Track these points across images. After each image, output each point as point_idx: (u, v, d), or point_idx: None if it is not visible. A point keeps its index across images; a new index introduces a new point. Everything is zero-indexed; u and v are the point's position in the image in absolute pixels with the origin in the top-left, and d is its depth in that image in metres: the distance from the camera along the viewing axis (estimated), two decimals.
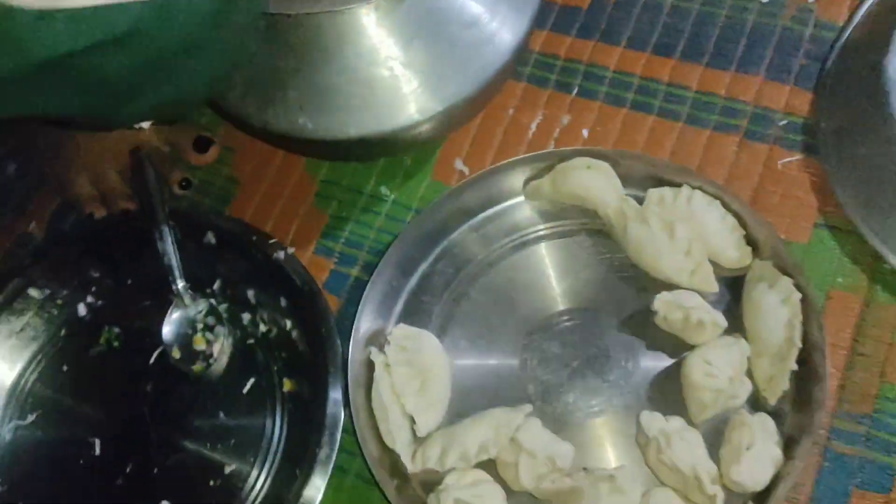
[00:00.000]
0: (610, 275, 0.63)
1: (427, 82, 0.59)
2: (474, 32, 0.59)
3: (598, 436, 0.58)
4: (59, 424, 0.68)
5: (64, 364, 0.70)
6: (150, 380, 0.68)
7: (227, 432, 0.65)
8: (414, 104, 0.59)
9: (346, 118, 0.59)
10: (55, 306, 0.72)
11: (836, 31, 0.68)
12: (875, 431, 0.56)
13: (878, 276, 0.59)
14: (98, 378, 0.70)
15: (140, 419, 0.67)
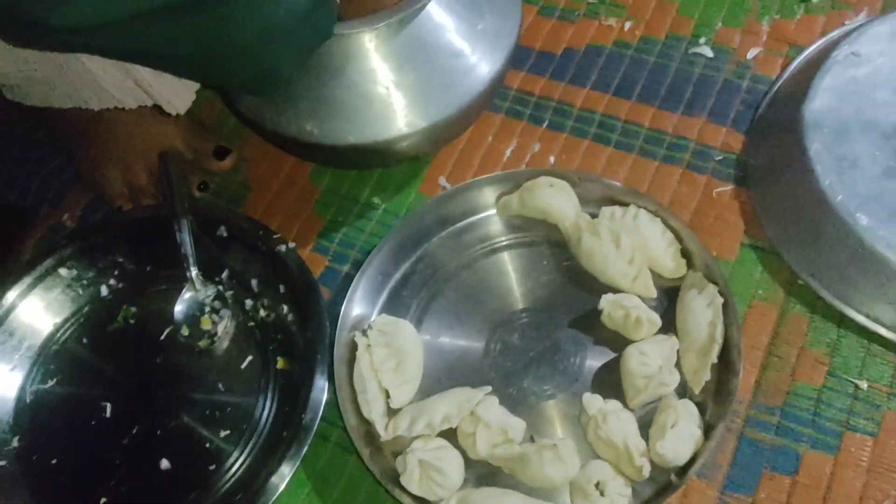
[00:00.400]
0: (565, 279, 0.67)
1: (415, 101, 0.63)
2: (457, 63, 0.64)
3: (548, 416, 0.62)
4: (75, 389, 0.71)
5: (84, 337, 0.74)
6: (160, 354, 0.71)
7: (224, 403, 0.68)
8: (403, 119, 0.63)
9: (347, 127, 0.63)
10: (81, 286, 0.75)
11: (768, 84, 0.73)
12: (785, 422, 0.60)
13: (792, 290, 0.64)
14: (113, 350, 0.73)
15: (148, 388, 0.70)
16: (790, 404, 0.60)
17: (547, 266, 0.68)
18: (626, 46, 0.78)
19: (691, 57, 0.76)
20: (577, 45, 0.79)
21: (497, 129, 0.76)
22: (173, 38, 0.49)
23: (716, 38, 0.77)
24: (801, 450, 0.58)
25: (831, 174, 0.62)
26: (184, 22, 0.48)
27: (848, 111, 0.64)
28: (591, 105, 0.75)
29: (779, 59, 0.74)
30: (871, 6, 0.75)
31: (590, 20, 0.80)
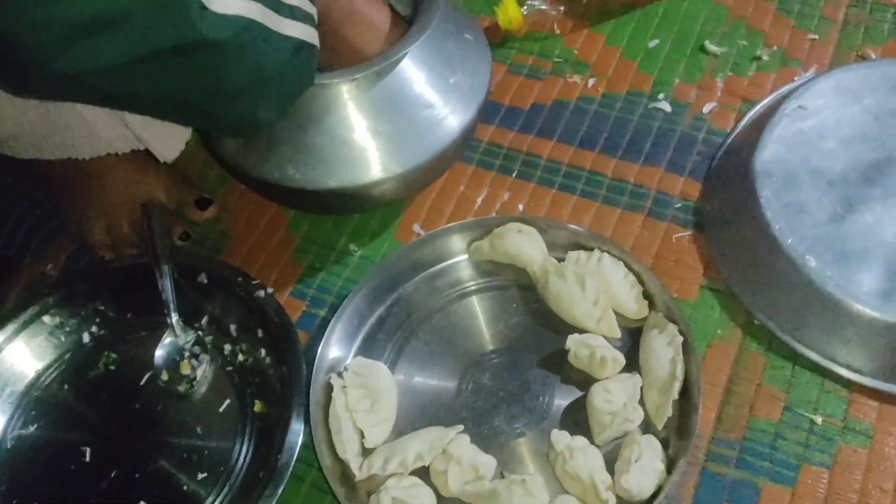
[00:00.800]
0: (534, 321, 0.70)
1: (390, 148, 0.66)
2: (430, 114, 0.67)
3: (519, 453, 0.64)
4: (56, 434, 0.72)
5: (65, 383, 0.74)
6: (140, 399, 0.72)
7: (202, 447, 0.69)
8: (379, 164, 0.66)
9: (327, 171, 0.66)
10: (64, 333, 0.76)
11: (723, 136, 0.77)
12: (744, 456, 0.62)
13: (749, 330, 0.67)
14: (94, 396, 0.73)
15: (127, 432, 0.70)
16: (749, 439, 0.62)
17: (516, 308, 0.71)
18: (590, 101, 0.82)
19: (651, 111, 0.80)
20: (544, 100, 0.83)
21: (469, 178, 0.79)
22: (170, 82, 0.51)
23: (673, 93, 0.80)
24: (760, 483, 0.60)
25: (781, 220, 0.65)
26: (182, 65, 0.50)
27: (795, 160, 0.68)
28: (558, 156, 0.78)
29: (733, 113, 0.78)
30: (819, 63, 0.80)
31: (556, 77, 0.84)
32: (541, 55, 0.86)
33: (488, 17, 0.89)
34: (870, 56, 0.79)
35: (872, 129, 0.68)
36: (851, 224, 0.64)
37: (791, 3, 0.85)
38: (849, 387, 0.63)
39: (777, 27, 0.83)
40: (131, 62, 0.47)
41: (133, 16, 0.45)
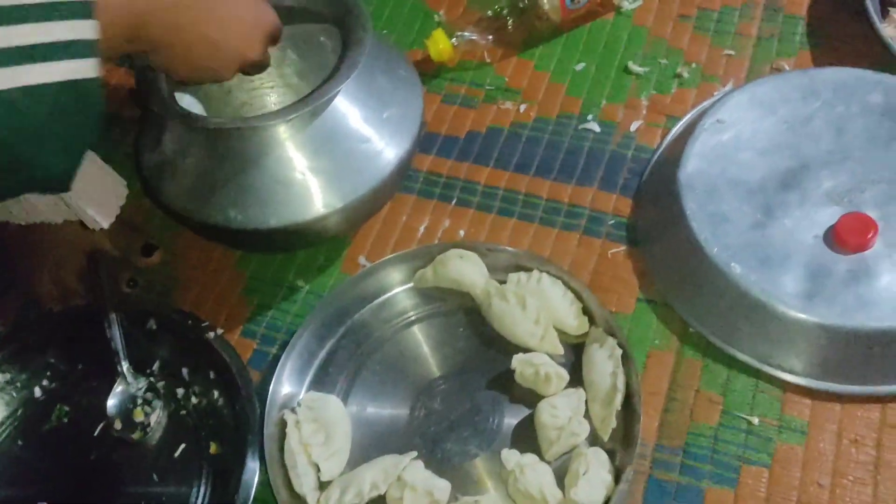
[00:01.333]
0: (479, 344, 0.71)
1: (329, 184, 0.67)
2: (366, 148, 0.68)
3: (473, 474, 0.65)
4: (11, 490, 0.71)
5: (18, 439, 0.73)
6: (94, 450, 0.72)
7: (159, 493, 0.69)
8: (320, 200, 0.67)
9: (268, 211, 0.66)
10: (15, 388, 0.75)
11: (650, 153, 0.80)
12: (687, 461, 0.63)
13: (685, 338, 0.69)
14: (48, 449, 0.73)
15: (84, 484, 0.70)
16: (691, 444, 0.64)
17: (463, 332, 0.72)
18: (522, 127, 0.84)
19: (581, 132, 0.82)
20: (479, 128, 0.84)
21: (410, 208, 0.80)
22: None
23: (601, 114, 0.83)
24: (703, 486, 0.62)
25: (706, 230, 0.67)
26: None
27: (716, 172, 0.70)
28: (494, 182, 0.80)
29: (658, 130, 0.81)
30: (736, 77, 0.83)
31: (489, 105, 0.86)
32: (473, 84, 0.88)
33: (421, 50, 0.90)
34: (783, 68, 0.82)
35: (787, 138, 0.71)
36: (772, 230, 0.67)
37: (707, 21, 0.88)
38: (782, 387, 0.65)
39: (695, 45, 0.86)
40: None
41: None
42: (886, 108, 0.71)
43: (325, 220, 0.68)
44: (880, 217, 0.65)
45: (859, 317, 0.61)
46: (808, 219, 0.67)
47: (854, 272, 0.63)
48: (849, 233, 0.64)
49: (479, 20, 0.88)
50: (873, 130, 0.70)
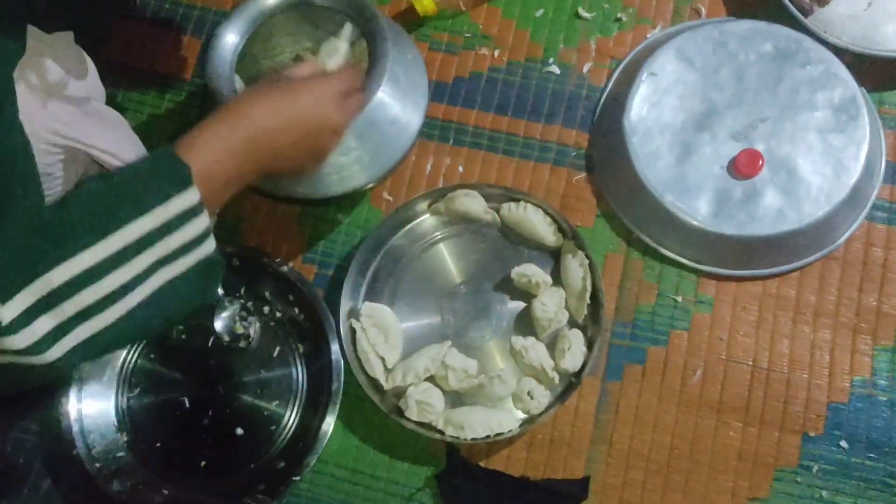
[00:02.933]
0: (485, 257, 0.94)
1: (371, 160, 0.85)
2: (396, 126, 0.86)
3: (491, 353, 0.91)
4: (157, 391, 0.95)
5: (151, 353, 0.97)
6: (212, 356, 0.96)
7: (268, 382, 0.94)
8: (365, 175, 0.86)
9: (326, 185, 0.85)
10: None
11: (599, 91, 1.00)
12: (635, 331, 0.91)
13: (631, 243, 0.94)
14: (176, 359, 0.96)
15: (211, 381, 0.95)
16: (637, 319, 0.91)
17: (473, 248, 0.95)
18: (498, 71, 1.02)
19: (545, 75, 1.01)
20: (463, 73, 1.02)
21: (417, 150, 1.00)
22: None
23: (560, 57, 1.01)
24: (646, 347, 0.90)
25: (644, 166, 0.90)
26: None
27: (652, 118, 0.92)
28: (481, 123, 1.00)
29: (605, 71, 1.00)
30: (664, 19, 1.01)
31: (468, 51, 1.03)
32: (453, 31, 1.04)
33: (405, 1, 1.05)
34: (700, 9, 1.01)
35: (701, 86, 0.92)
36: (690, 163, 0.90)
37: None
38: (697, 273, 0.92)
39: None
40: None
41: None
42: (776, 55, 0.92)
43: (368, 185, 0.88)
44: (766, 149, 0.89)
45: (748, 228, 0.87)
46: (716, 154, 0.90)
47: (747, 194, 0.88)
48: (743, 165, 0.88)
49: None
50: (765, 76, 0.92)
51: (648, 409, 0.88)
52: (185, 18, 1.07)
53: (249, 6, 0.84)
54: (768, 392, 0.87)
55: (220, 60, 0.81)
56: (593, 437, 0.88)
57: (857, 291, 0.89)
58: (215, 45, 0.81)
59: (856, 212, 0.90)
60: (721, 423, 0.87)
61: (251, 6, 0.84)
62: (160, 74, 1.05)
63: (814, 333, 0.89)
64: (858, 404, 0.86)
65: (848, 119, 0.88)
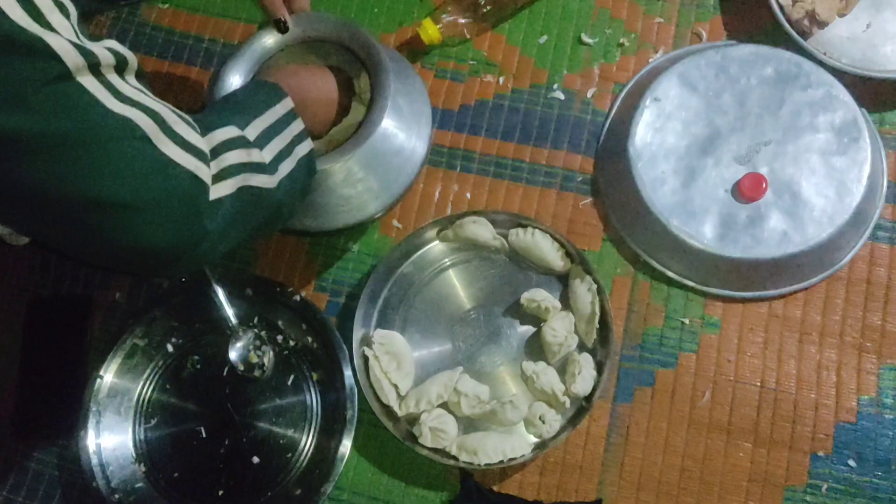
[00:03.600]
0: (494, 282, 0.96)
1: (379, 190, 0.86)
2: (401, 155, 0.87)
3: (502, 378, 0.92)
4: (173, 422, 0.97)
5: (167, 384, 0.98)
6: (227, 385, 0.97)
7: (283, 410, 0.96)
8: (373, 205, 0.87)
9: (336, 217, 0.86)
10: (152, 348, 0.99)
11: (604, 116, 1.01)
12: (643, 353, 0.92)
13: (638, 266, 0.95)
14: (192, 390, 0.98)
15: (226, 410, 0.96)
16: (645, 341, 0.92)
17: (481, 274, 0.96)
18: (503, 97, 1.03)
19: (550, 101, 1.02)
20: (469, 101, 1.04)
21: (425, 177, 1.01)
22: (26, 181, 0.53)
23: (564, 83, 1.03)
24: (654, 369, 0.91)
25: (649, 191, 0.91)
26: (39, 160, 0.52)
27: (656, 142, 0.93)
28: (487, 150, 1.01)
29: (608, 95, 1.02)
30: (665, 44, 1.03)
31: (474, 78, 1.05)
32: (458, 59, 1.06)
33: (409, 27, 1.07)
34: (701, 33, 1.02)
35: (704, 110, 0.94)
36: (695, 188, 0.91)
37: None
38: (703, 295, 0.93)
39: (632, 14, 1.04)
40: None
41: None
42: (777, 79, 0.94)
43: (377, 214, 0.90)
44: (769, 172, 0.90)
45: (754, 251, 0.88)
46: (720, 178, 0.91)
47: (751, 217, 0.89)
48: (747, 189, 0.89)
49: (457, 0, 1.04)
50: (767, 99, 0.93)
51: (659, 431, 0.89)
52: (193, 51, 1.08)
53: (252, 46, 0.85)
54: (777, 412, 0.88)
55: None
56: (605, 460, 0.89)
57: (862, 311, 0.90)
58: (219, 86, 0.82)
59: (859, 232, 0.91)
60: (731, 444, 0.88)
61: (254, 46, 0.85)
62: None
63: (820, 353, 0.90)
64: (866, 423, 0.87)
65: (850, 141, 0.89)
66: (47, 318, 1.01)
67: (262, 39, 0.85)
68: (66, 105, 0.53)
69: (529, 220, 0.95)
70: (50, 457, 0.96)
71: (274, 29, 0.85)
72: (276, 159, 0.72)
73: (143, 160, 0.58)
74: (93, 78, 0.56)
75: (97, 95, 0.56)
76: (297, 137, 0.75)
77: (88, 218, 0.56)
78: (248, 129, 0.71)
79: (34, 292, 1.02)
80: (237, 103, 0.74)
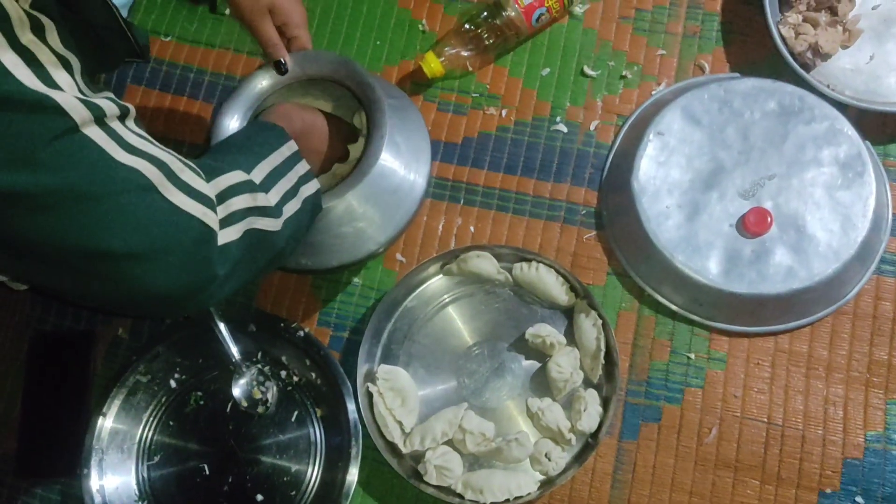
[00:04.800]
0: (498, 317, 0.96)
1: (377, 227, 0.86)
2: (400, 191, 0.88)
3: (508, 414, 0.92)
4: (177, 459, 0.96)
5: (170, 421, 0.98)
6: (230, 422, 0.97)
7: (286, 446, 0.96)
8: (372, 241, 0.87)
9: (332, 256, 0.86)
10: (155, 384, 0.99)
11: (607, 149, 1.01)
12: (649, 389, 0.92)
13: (643, 300, 0.95)
14: (195, 426, 0.98)
15: (230, 447, 0.96)
16: (651, 376, 0.92)
17: (485, 308, 0.96)
18: (506, 130, 1.03)
19: (553, 133, 1.02)
20: (472, 133, 1.04)
21: (428, 210, 1.01)
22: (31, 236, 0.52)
23: (567, 115, 1.03)
24: (660, 405, 0.91)
25: (654, 225, 0.91)
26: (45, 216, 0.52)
27: (660, 177, 0.93)
28: (490, 183, 1.01)
29: (612, 128, 1.02)
30: (668, 76, 1.03)
31: (476, 111, 1.05)
32: (461, 91, 1.06)
33: (411, 61, 1.07)
34: (703, 66, 1.03)
35: (708, 144, 0.94)
36: (699, 223, 0.91)
37: (643, 21, 1.06)
38: (709, 330, 0.93)
39: (635, 46, 1.05)
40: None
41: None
42: (780, 113, 0.94)
43: (376, 251, 0.89)
44: (774, 207, 0.90)
45: (759, 286, 0.88)
46: (724, 212, 0.91)
47: (756, 252, 0.89)
48: (752, 224, 0.89)
49: (458, 32, 1.04)
50: (771, 133, 0.93)
51: (665, 468, 0.88)
52: (195, 84, 1.09)
53: (248, 87, 0.85)
54: (784, 449, 0.88)
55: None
56: (611, 498, 0.88)
57: (869, 345, 0.90)
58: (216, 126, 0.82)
59: (865, 266, 0.91)
60: (738, 482, 0.87)
61: (250, 86, 0.86)
62: (173, 139, 1.07)
63: (826, 388, 0.89)
64: (873, 459, 0.87)
65: (854, 175, 0.89)
66: (49, 355, 1.01)
67: (258, 80, 0.85)
68: (75, 159, 0.53)
69: (533, 254, 0.95)
70: (53, 494, 0.96)
71: (273, 70, 0.85)
72: (281, 201, 0.72)
73: (152, 210, 0.58)
74: (99, 130, 0.56)
75: (105, 147, 0.56)
76: (302, 178, 0.75)
77: (98, 268, 0.56)
78: (254, 171, 0.71)
79: (36, 328, 1.02)
80: (242, 146, 0.74)
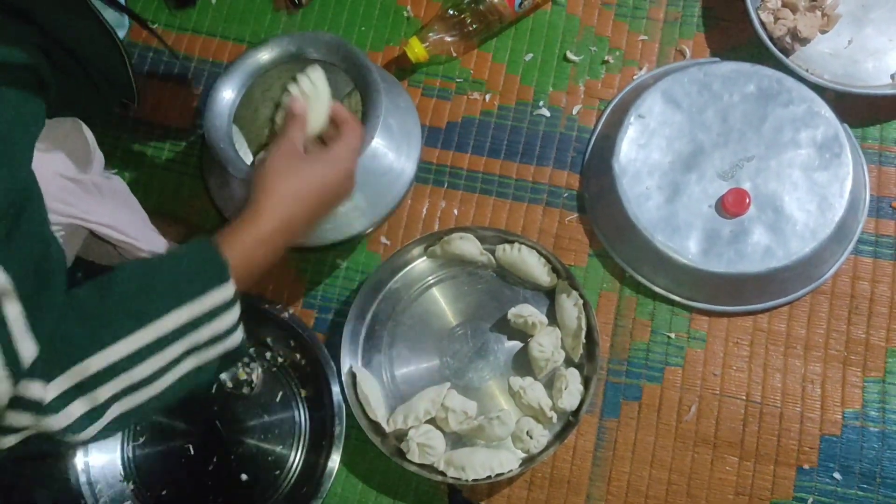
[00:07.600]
0: (481, 298, 0.97)
1: (368, 208, 0.88)
2: (391, 174, 0.90)
3: (490, 393, 0.93)
4: (162, 440, 0.97)
5: None
6: (216, 402, 0.98)
7: (271, 426, 0.96)
8: (362, 222, 0.89)
9: (324, 234, 0.88)
10: None
11: (589, 132, 1.02)
12: (630, 368, 0.93)
13: (624, 281, 0.96)
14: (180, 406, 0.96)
15: (214, 428, 0.97)
16: (632, 356, 0.93)
17: (468, 290, 0.98)
18: (489, 115, 1.05)
19: (536, 118, 1.04)
20: (455, 118, 1.05)
21: (412, 194, 1.02)
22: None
23: (550, 100, 1.04)
24: (641, 384, 0.92)
25: (634, 206, 0.93)
26: None
27: (641, 159, 0.94)
28: (474, 166, 1.03)
29: (594, 112, 1.03)
30: (649, 61, 1.04)
31: (460, 96, 1.06)
32: (445, 77, 1.07)
33: (396, 46, 1.08)
34: (684, 50, 1.04)
35: (688, 126, 0.95)
36: (679, 204, 0.92)
37: (625, 7, 1.07)
38: (689, 310, 0.94)
39: (617, 32, 1.06)
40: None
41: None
42: (759, 96, 0.95)
43: (367, 230, 0.91)
44: (752, 188, 0.92)
45: (738, 265, 0.89)
46: (704, 193, 0.92)
47: (735, 232, 0.91)
48: (731, 205, 0.90)
49: (443, 18, 1.05)
50: (750, 115, 0.94)
51: (645, 445, 0.90)
52: (182, 69, 1.10)
53: (245, 62, 0.86)
54: (762, 426, 0.89)
55: (218, 114, 0.84)
56: (592, 475, 0.89)
57: (846, 324, 0.91)
58: (212, 99, 0.84)
59: (842, 246, 0.92)
60: (717, 458, 0.89)
61: (247, 62, 0.86)
62: (160, 125, 1.08)
63: (805, 367, 0.91)
64: (850, 436, 0.88)
65: (831, 157, 0.91)
66: None
67: (255, 55, 0.86)
68: None
69: (516, 235, 0.96)
70: (38, 475, 0.96)
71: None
72: (176, 360, 0.57)
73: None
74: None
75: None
76: (222, 334, 0.59)
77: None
78: (161, 320, 0.56)
79: None
80: (164, 281, 0.58)
